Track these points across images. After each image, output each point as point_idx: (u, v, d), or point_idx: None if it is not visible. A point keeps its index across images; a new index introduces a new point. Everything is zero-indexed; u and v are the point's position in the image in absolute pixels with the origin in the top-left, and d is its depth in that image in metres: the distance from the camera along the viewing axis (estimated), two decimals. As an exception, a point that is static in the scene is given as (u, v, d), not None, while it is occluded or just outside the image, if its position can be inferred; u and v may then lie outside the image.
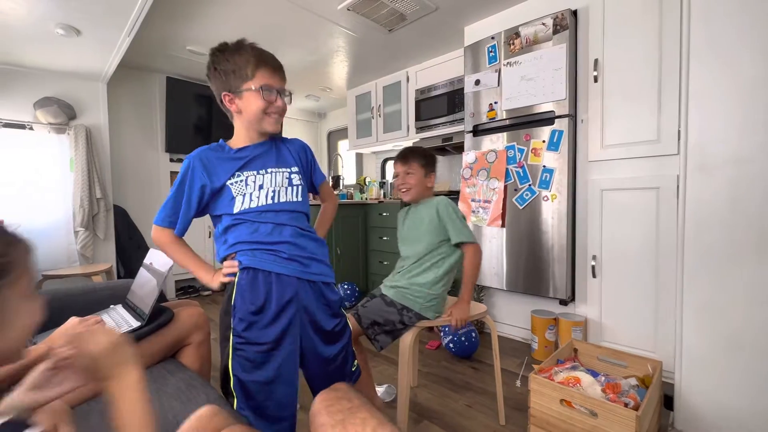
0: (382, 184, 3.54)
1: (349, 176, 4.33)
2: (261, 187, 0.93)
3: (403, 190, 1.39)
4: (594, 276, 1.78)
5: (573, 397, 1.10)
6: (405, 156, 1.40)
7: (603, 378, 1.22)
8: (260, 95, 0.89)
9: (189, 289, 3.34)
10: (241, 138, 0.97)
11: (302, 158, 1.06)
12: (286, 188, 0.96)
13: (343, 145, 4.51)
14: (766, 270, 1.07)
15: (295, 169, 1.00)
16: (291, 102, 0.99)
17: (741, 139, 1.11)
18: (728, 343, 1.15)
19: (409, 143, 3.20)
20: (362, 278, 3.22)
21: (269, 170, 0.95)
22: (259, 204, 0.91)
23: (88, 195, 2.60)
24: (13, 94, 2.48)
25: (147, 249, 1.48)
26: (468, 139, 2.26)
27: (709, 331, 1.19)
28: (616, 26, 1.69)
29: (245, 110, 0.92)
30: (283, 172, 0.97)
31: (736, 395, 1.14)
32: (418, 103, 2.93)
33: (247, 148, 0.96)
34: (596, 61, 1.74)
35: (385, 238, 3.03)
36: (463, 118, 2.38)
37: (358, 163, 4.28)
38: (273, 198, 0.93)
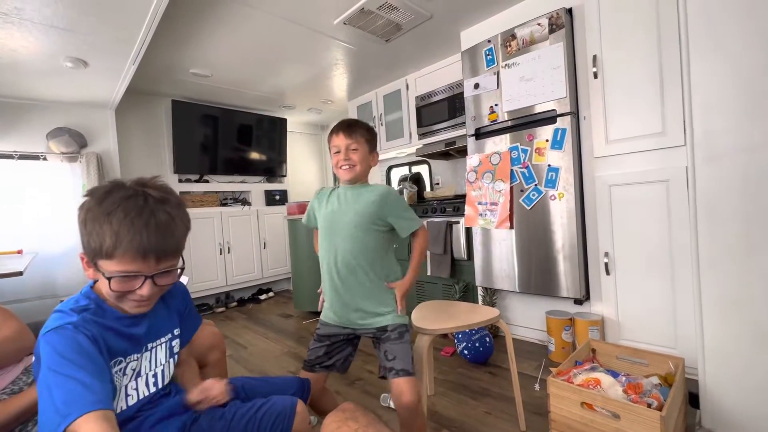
0: (387, 192, 3.54)
1: (354, 186, 4.35)
2: (139, 374, 0.76)
3: (346, 167, 1.16)
4: (608, 273, 1.74)
5: (594, 400, 1.08)
6: (350, 126, 1.17)
7: (624, 378, 1.19)
8: (107, 284, 0.67)
9: (203, 306, 3.37)
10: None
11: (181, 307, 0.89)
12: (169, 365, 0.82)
13: (347, 156, 4.54)
14: (786, 259, 1.05)
15: (177, 331, 0.85)
16: (180, 275, 0.76)
17: (748, 126, 1.10)
18: (753, 336, 1.12)
19: (412, 150, 3.21)
20: (373, 287, 3.21)
21: (150, 345, 0.79)
22: (137, 399, 0.74)
23: (102, 220, 2.66)
24: (27, 127, 2.57)
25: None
26: (471, 142, 2.26)
27: (731, 324, 1.15)
28: (613, 21, 1.69)
29: (100, 284, 0.70)
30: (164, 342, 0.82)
31: (764, 389, 1.11)
32: (419, 109, 2.95)
33: (134, 318, 0.75)
34: (595, 57, 1.73)
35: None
36: (464, 122, 2.39)
37: (363, 173, 4.30)
38: (156, 384, 0.78)
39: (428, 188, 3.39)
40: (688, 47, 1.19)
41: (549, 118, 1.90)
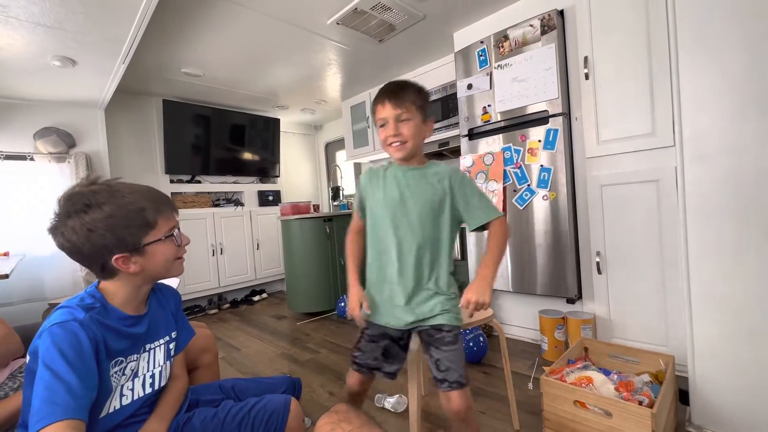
0: (381, 193, 3.54)
1: (348, 186, 4.35)
2: (137, 374, 0.76)
3: (396, 144, 0.96)
4: (599, 272, 1.76)
5: (586, 398, 1.09)
6: (397, 92, 0.94)
7: (615, 376, 1.20)
8: (173, 242, 0.75)
9: (195, 308, 3.34)
10: (128, 300, 0.75)
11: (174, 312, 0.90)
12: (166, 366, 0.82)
13: (340, 156, 4.54)
14: (772, 257, 1.07)
15: (174, 334, 0.87)
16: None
17: (736, 127, 1.12)
18: (741, 333, 1.14)
19: (406, 150, 3.20)
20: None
21: (149, 345, 0.79)
22: (132, 400, 0.74)
23: (91, 221, 2.62)
24: (13, 127, 2.52)
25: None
26: (464, 143, 2.27)
27: (720, 322, 1.17)
28: (603, 23, 1.71)
29: (149, 266, 0.73)
30: (162, 344, 0.83)
31: (753, 386, 1.12)
32: (412, 110, 2.95)
33: (137, 318, 0.76)
34: (586, 58, 1.75)
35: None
36: (458, 123, 2.40)
37: (356, 173, 4.29)
38: (153, 385, 0.78)
39: (422, 188, 3.39)
40: (677, 49, 1.21)
41: (541, 119, 1.92)
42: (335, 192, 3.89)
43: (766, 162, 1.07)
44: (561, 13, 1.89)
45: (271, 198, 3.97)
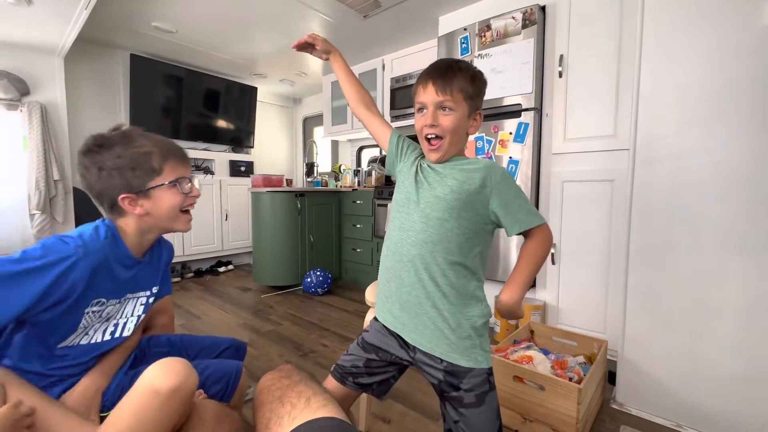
0: (356, 172, 3.55)
1: (324, 163, 4.30)
2: (108, 320, 0.78)
3: (431, 136, 0.79)
4: (553, 263, 1.87)
5: (524, 374, 1.18)
6: (442, 74, 0.77)
7: (553, 356, 1.31)
8: (177, 189, 0.78)
9: (157, 275, 3.25)
10: (134, 243, 0.79)
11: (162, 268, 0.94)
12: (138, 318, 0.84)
13: (318, 132, 4.46)
14: (700, 258, 1.18)
15: (155, 289, 0.89)
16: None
17: (680, 136, 1.20)
18: (664, 324, 1.26)
19: (384, 132, 3.19)
20: (335, 265, 3.24)
21: (131, 295, 0.81)
22: (91, 342, 0.75)
23: (45, 176, 2.47)
24: (-43, 66, 2.30)
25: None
26: (440, 129, 2.29)
27: (648, 313, 1.29)
28: (581, 24, 1.76)
29: (154, 211, 0.77)
30: (140, 296, 0.84)
31: (670, 372, 1.26)
32: (393, 91, 2.93)
33: (134, 261, 0.80)
34: (561, 57, 1.80)
35: (358, 226, 3.06)
36: (436, 108, 2.41)
37: (333, 151, 4.25)
38: (114, 333, 0.79)
39: (397, 172, 3.41)
40: (641, 60, 1.28)
41: (514, 112, 1.97)
42: (310, 168, 3.84)
43: (702, 171, 1.17)
44: (543, 9, 1.92)
45: (243, 169, 3.87)
